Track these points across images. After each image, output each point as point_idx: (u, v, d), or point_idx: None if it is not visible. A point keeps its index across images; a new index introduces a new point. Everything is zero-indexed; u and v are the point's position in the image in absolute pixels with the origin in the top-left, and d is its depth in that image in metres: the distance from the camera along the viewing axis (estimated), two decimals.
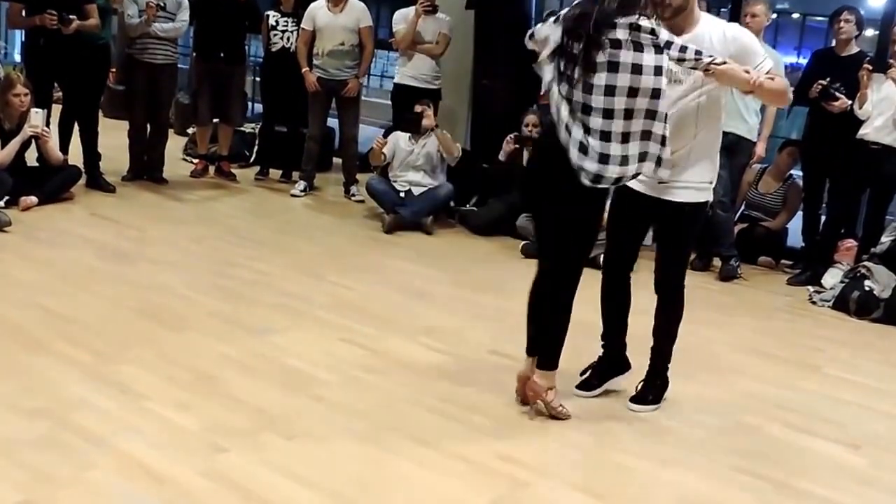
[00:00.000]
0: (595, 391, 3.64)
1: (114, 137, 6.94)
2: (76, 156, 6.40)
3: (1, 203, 5.50)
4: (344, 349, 3.91)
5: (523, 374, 3.43)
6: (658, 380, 3.60)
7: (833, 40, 5.99)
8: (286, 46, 7.13)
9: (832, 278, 5.57)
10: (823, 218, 6.06)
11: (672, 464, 3.13)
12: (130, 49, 6.67)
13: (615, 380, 3.66)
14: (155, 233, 5.59)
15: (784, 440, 3.43)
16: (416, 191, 6.34)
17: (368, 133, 7.86)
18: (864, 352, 4.65)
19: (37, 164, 6.06)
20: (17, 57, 10.96)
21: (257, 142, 7.97)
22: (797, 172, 6.38)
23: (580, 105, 3.07)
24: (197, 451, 2.89)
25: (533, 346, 3.42)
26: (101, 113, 6.74)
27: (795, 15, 10.89)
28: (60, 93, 6.51)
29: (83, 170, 6.33)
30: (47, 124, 5.92)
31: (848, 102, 5.59)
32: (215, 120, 7.29)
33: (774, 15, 7.59)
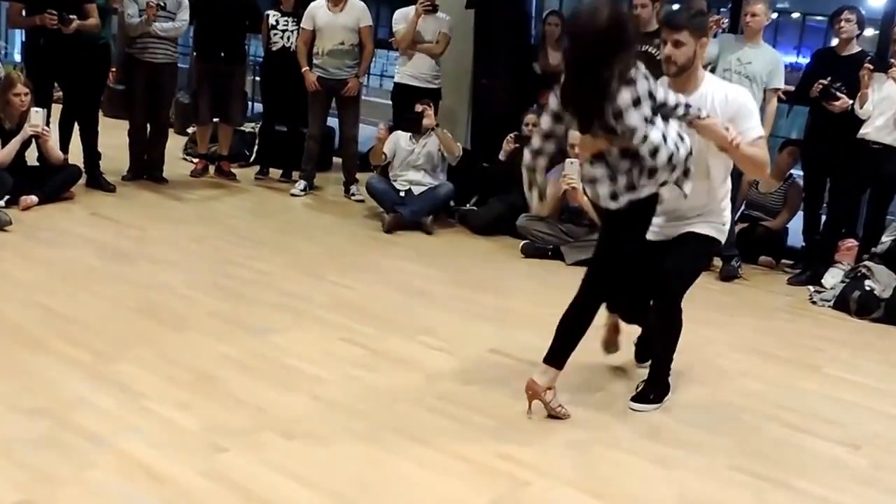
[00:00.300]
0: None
1: (114, 137, 6.95)
2: (76, 155, 6.40)
3: (1, 202, 5.50)
4: (344, 349, 3.91)
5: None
6: (659, 380, 3.60)
7: (833, 40, 5.99)
8: (286, 46, 7.12)
9: (833, 278, 5.56)
10: (824, 218, 6.06)
11: (672, 463, 3.13)
12: (130, 48, 6.67)
13: None
14: (155, 232, 5.59)
15: (784, 440, 3.43)
16: (417, 190, 6.33)
17: (368, 133, 7.85)
18: (865, 352, 4.65)
19: (37, 164, 6.06)
20: (18, 56, 10.96)
21: (257, 141, 7.97)
22: (798, 172, 6.38)
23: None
24: (197, 451, 2.89)
25: (552, 357, 3.34)
26: (102, 112, 6.74)
27: (795, 14, 10.89)
28: (60, 92, 6.52)
29: (83, 169, 6.33)
30: (47, 124, 5.91)
31: (849, 102, 5.58)
32: (215, 119, 7.30)
33: (774, 14, 7.60)
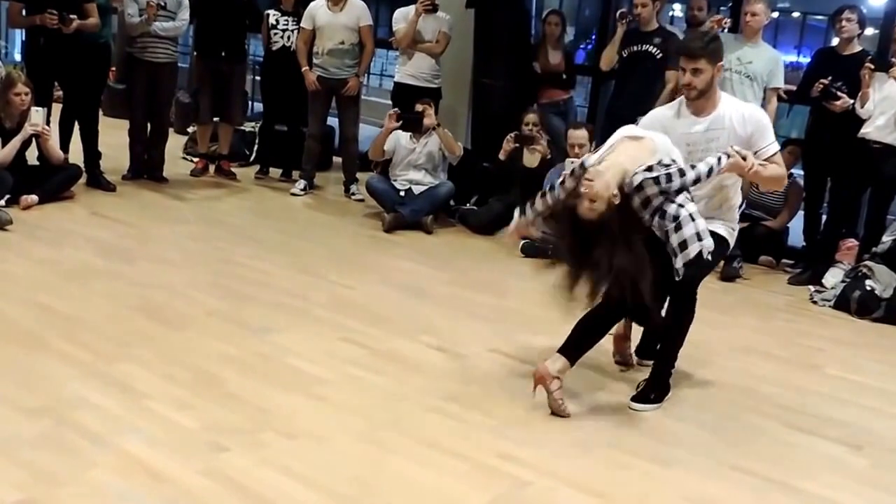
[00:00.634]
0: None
1: (114, 136, 6.95)
2: (77, 154, 6.39)
3: (1, 202, 5.50)
4: (344, 349, 3.91)
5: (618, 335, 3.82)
6: (661, 380, 3.60)
7: (834, 39, 5.98)
8: (286, 45, 7.12)
9: (833, 278, 5.56)
10: (824, 217, 6.06)
11: (672, 463, 3.13)
12: (131, 48, 6.67)
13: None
14: (155, 232, 5.59)
15: (784, 440, 3.43)
16: (417, 189, 6.33)
17: (368, 132, 7.85)
18: (865, 351, 4.64)
19: (37, 163, 6.06)
20: (18, 56, 10.96)
21: (257, 141, 7.96)
22: (798, 171, 6.37)
23: None
24: (197, 451, 2.89)
25: (566, 349, 3.43)
26: (102, 112, 6.74)
27: (796, 14, 10.89)
28: (61, 92, 6.51)
29: (83, 168, 6.33)
30: (48, 123, 5.92)
31: (850, 101, 5.58)
32: (215, 119, 7.29)
33: (775, 14, 7.60)
